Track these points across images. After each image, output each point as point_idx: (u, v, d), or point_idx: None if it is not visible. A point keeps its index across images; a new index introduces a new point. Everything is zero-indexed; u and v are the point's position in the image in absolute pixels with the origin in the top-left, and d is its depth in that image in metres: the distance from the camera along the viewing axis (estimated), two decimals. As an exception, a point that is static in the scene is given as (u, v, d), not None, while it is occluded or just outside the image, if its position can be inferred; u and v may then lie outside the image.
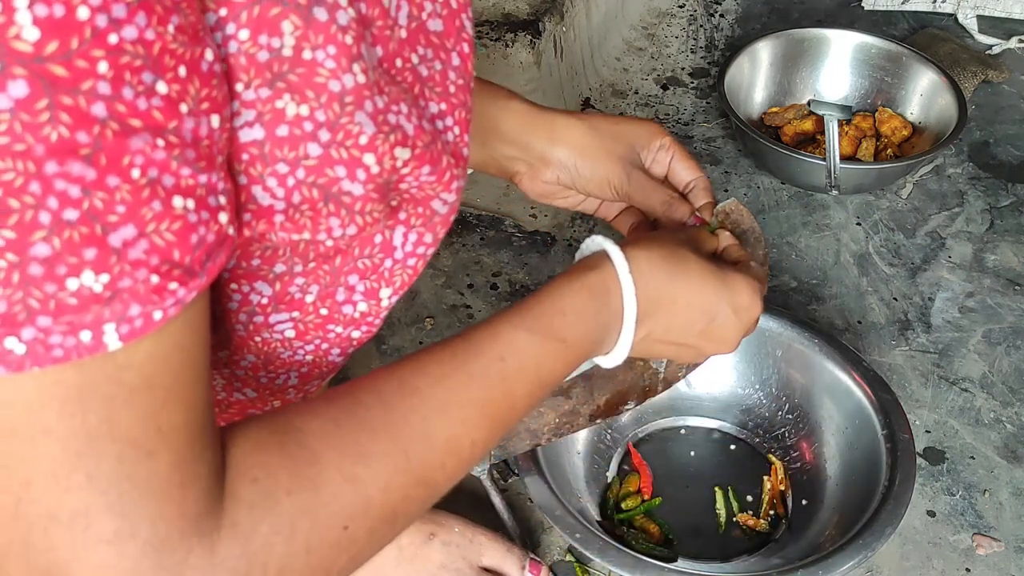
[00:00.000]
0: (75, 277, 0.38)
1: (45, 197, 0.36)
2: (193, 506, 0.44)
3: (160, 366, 0.42)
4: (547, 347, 0.60)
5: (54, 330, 0.38)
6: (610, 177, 0.80)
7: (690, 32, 1.74)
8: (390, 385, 0.54)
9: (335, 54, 0.46)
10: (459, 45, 0.58)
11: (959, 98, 1.39)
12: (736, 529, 0.97)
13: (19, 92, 0.35)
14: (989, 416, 1.09)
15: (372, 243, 0.58)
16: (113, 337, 0.39)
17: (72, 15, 0.35)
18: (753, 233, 0.87)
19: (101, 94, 0.36)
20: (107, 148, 0.37)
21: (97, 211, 0.37)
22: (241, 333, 0.60)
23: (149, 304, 0.40)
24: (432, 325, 1.19)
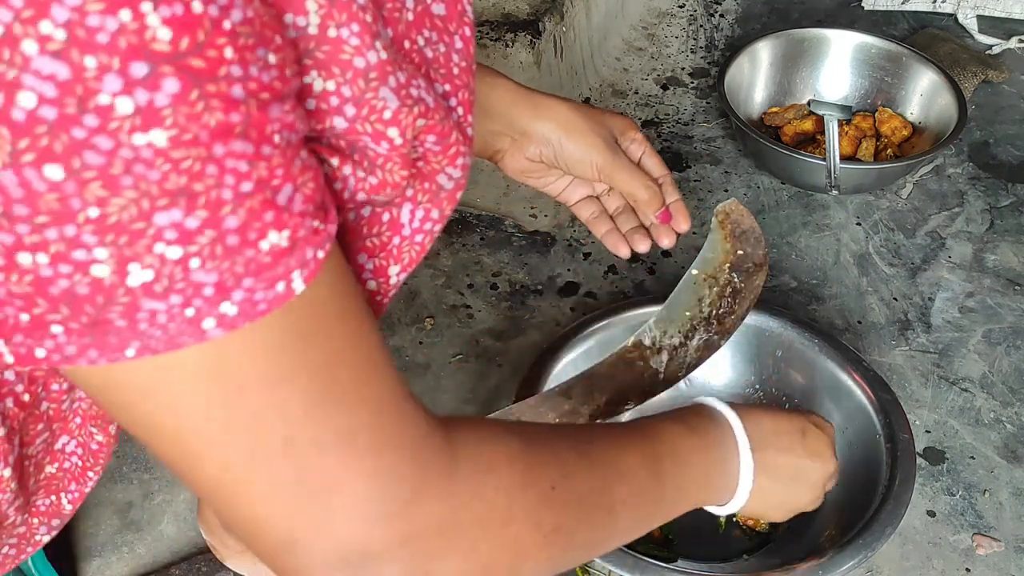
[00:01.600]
0: (264, 239, 0.41)
1: (222, 176, 0.39)
2: (424, 418, 0.49)
3: (340, 296, 0.46)
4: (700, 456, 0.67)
5: (257, 287, 0.42)
6: (593, 155, 0.81)
7: (690, 32, 1.74)
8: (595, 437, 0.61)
9: (359, 31, 0.48)
10: (461, 28, 0.60)
11: (959, 98, 1.39)
12: (736, 529, 0.97)
13: (173, 88, 0.37)
14: (989, 416, 1.09)
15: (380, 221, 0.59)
16: (299, 282, 0.43)
17: (189, 10, 0.37)
18: (753, 233, 0.87)
19: (235, 76, 0.39)
20: (254, 122, 0.40)
21: (263, 179, 0.41)
22: None
23: (316, 245, 0.44)
24: (432, 325, 1.20)
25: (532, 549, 0.54)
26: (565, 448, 0.57)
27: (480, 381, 1.14)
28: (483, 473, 0.51)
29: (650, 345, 0.88)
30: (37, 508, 0.61)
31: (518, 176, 0.85)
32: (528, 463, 0.53)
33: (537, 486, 0.53)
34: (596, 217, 0.88)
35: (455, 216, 1.34)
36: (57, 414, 0.59)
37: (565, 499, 0.55)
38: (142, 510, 1.02)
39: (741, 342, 1.03)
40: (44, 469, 0.60)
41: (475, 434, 0.52)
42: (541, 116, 0.81)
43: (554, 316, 1.21)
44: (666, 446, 0.65)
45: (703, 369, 0.89)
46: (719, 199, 1.34)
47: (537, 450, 0.55)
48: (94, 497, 1.01)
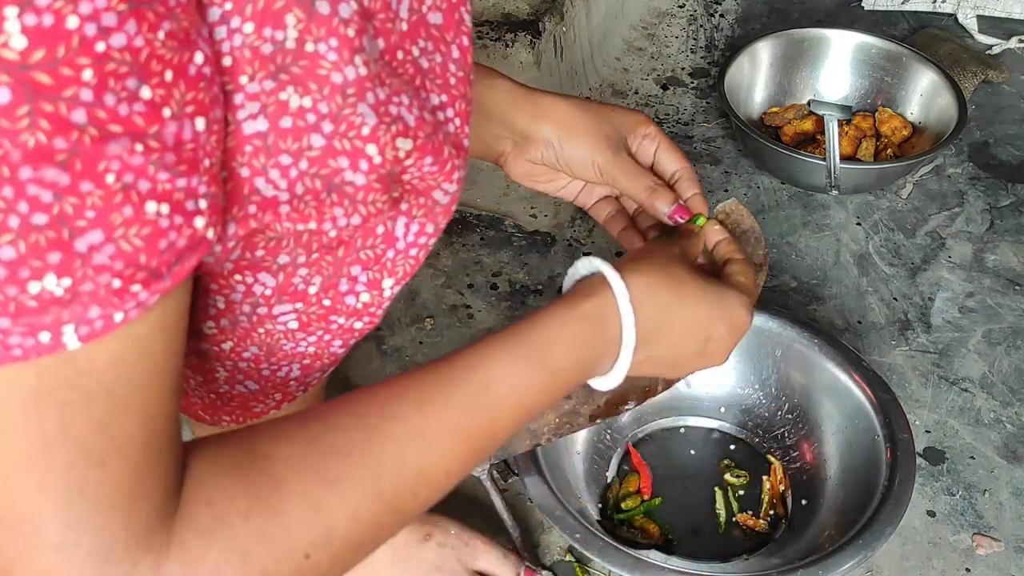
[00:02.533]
0: (37, 280, 0.38)
1: (16, 201, 0.36)
2: (141, 520, 0.43)
3: (120, 373, 0.42)
4: (535, 378, 0.59)
5: (13, 331, 0.38)
6: (595, 156, 0.78)
7: (690, 32, 1.74)
8: (369, 409, 0.53)
9: (337, 46, 0.47)
10: (459, 38, 0.59)
11: (959, 98, 1.39)
12: (736, 529, 0.97)
13: (0, 98, 0.35)
14: (989, 416, 1.09)
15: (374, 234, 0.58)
16: (72, 338, 0.40)
17: (61, 24, 0.35)
18: (753, 233, 0.87)
19: (83, 101, 0.37)
20: (83, 154, 0.37)
21: (67, 216, 0.38)
22: (245, 325, 0.60)
23: (109, 306, 0.40)
24: (432, 325, 1.19)
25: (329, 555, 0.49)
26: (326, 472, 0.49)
27: (480, 381, 1.13)
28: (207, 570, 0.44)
29: (650, 345, 0.88)
30: None
31: (524, 180, 0.82)
32: (269, 547, 0.47)
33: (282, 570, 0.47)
34: (613, 216, 0.84)
35: (455, 216, 1.34)
36: None
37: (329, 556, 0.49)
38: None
39: (741, 342, 1.03)
40: None
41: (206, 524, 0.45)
42: (541, 117, 0.78)
43: (554, 316, 1.21)
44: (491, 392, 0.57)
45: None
46: (719, 199, 1.34)
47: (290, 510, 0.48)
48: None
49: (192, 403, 0.72)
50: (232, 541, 0.46)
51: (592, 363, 0.63)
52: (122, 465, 0.43)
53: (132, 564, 0.43)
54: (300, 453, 0.49)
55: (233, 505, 0.46)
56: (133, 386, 0.43)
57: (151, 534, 0.44)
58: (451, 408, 0.55)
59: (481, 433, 0.56)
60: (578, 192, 0.84)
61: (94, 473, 0.42)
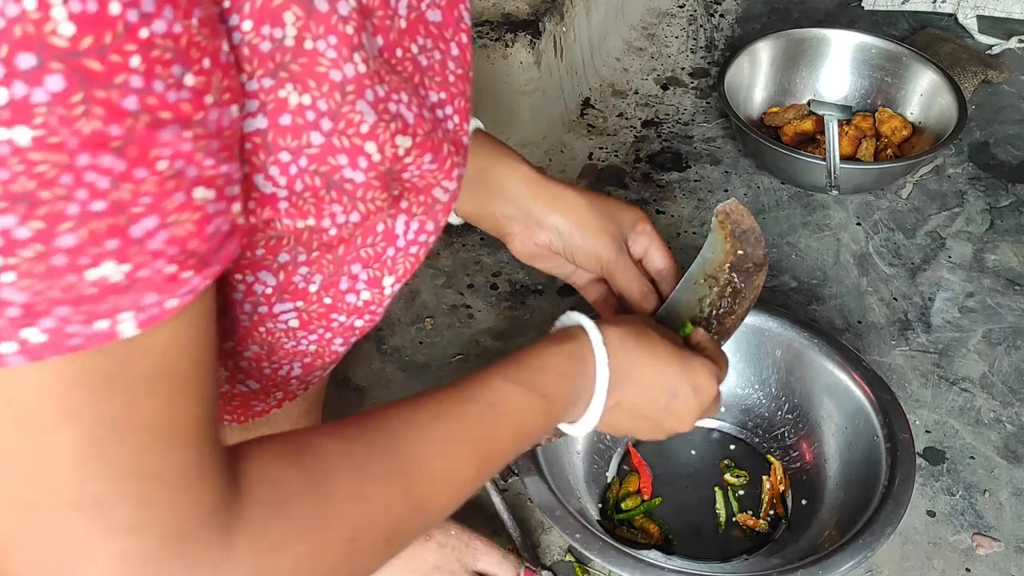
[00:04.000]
0: (96, 267, 0.38)
1: (75, 188, 0.37)
2: (209, 499, 0.44)
3: (179, 355, 0.43)
4: (531, 400, 0.64)
5: (73, 319, 0.39)
6: (601, 253, 0.83)
7: (690, 32, 1.74)
8: (393, 418, 0.57)
9: (336, 44, 0.47)
10: (457, 35, 0.59)
11: (959, 98, 1.39)
12: (736, 529, 0.97)
13: (56, 86, 0.35)
14: (989, 416, 1.09)
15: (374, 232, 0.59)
16: (129, 325, 0.40)
17: (104, 10, 0.35)
18: (753, 233, 0.87)
19: (133, 87, 0.37)
20: (137, 141, 0.38)
21: (123, 202, 0.38)
22: (246, 323, 0.60)
23: (165, 293, 0.40)
24: (432, 325, 1.19)
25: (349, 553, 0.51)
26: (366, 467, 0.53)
27: (480, 381, 1.13)
28: (266, 555, 0.46)
29: (650, 345, 0.88)
30: None
31: (526, 259, 0.87)
32: (323, 527, 0.49)
33: (332, 550, 0.50)
34: (604, 298, 0.89)
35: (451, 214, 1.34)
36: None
37: (369, 542, 0.52)
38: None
39: (741, 342, 1.03)
40: None
41: (269, 499, 0.48)
42: (557, 209, 0.83)
43: (554, 316, 1.20)
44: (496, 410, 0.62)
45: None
46: (719, 199, 1.35)
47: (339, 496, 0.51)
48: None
49: None
50: (292, 518, 0.48)
51: (574, 396, 0.68)
52: (187, 446, 0.44)
53: (204, 541, 0.44)
54: (343, 448, 0.53)
55: (291, 486, 0.49)
56: (190, 368, 0.44)
57: (218, 512, 0.45)
58: (463, 421, 0.60)
59: (489, 447, 0.61)
60: (571, 273, 0.90)
61: (163, 455, 0.43)
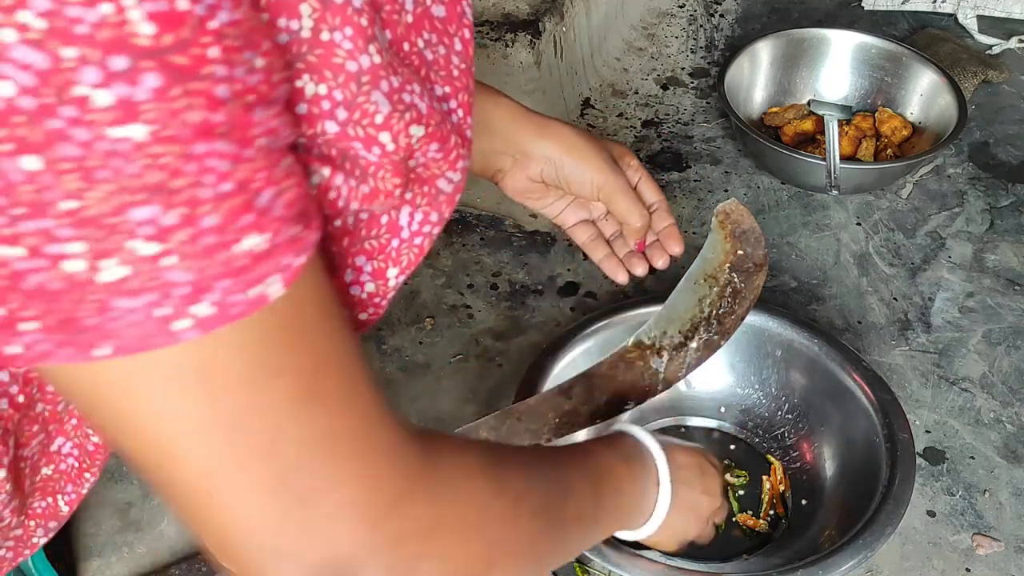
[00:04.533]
0: (242, 241, 0.40)
1: (201, 175, 0.38)
2: (405, 427, 0.49)
3: (319, 302, 0.45)
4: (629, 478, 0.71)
5: (233, 289, 0.41)
6: (595, 175, 0.82)
7: (690, 32, 1.74)
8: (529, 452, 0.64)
9: (352, 35, 0.48)
10: (461, 31, 0.60)
11: (959, 98, 1.39)
12: (736, 529, 0.97)
13: (154, 83, 0.37)
14: (989, 416, 1.09)
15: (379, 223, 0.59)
16: (277, 287, 0.42)
17: (174, 7, 0.37)
18: (753, 233, 0.87)
19: (220, 76, 0.38)
20: (238, 124, 0.39)
21: (244, 181, 0.40)
22: None
23: (296, 251, 0.43)
24: (432, 325, 1.19)
25: (500, 556, 0.54)
26: (523, 463, 0.59)
27: (480, 381, 1.13)
28: (461, 478, 0.51)
29: (650, 345, 0.88)
30: (33, 510, 0.61)
31: (517, 196, 0.86)
32: (496, 473, 0.54)
33: (505, 496, 0.54)
34: (593, 240, 0.88)
35: (455, 216, 1.34)
36: (53, 415, 0.58)
37: (529, 510, 0.56)
38: (142, 510, 1.02)
39: (741, 342, 1.03)
40: (40, 471, 0.60)
41: (448, 443, 0.53)
42: (543, 135, 0.82)
43: (554, 316, 1.21)
44: (603, 471, 0.68)
45: (703, 369, 0.89)
46: (719, 199, 1.34)
47: (501, 462, 0.56)
48: (94, 497, 1.01)
49: None
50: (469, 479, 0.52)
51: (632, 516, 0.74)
52: (367, 375, 0.47)
53: (413, 455, 0.48)
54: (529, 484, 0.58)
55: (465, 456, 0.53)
56: (334, 307, 0.47)
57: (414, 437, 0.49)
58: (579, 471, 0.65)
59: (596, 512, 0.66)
60: (561, 211, 0.88)
61: (358, 385, 0.46)
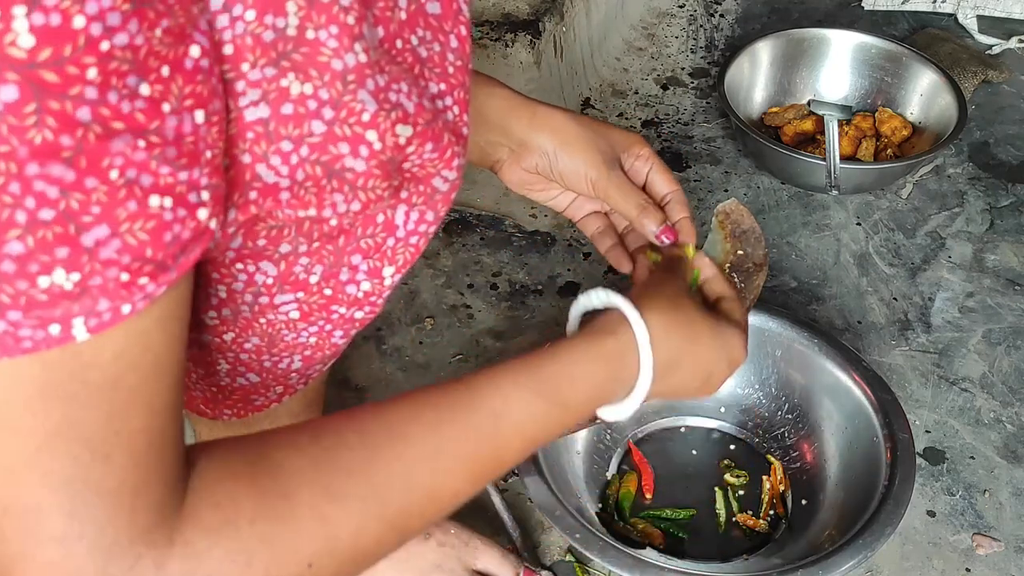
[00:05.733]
0: (46, 275, 0.38)
1: (23, 197, 0.37)
2: (145, 514, 0.44)
3: (126, 367, 0.43)
4: (548, 410, 0.60)
5: (24, 323, 0.39)
6: (588, 170, 0.78)
7: (690, 32, 1.74)
8: (379, 428, 0.53)
9: (337, 33, 0.47)
10: (456, 27, 0.60)
11: (959, 98, 1.39)
12: (736, 529, 0.97)
13: (9, 96, 0.36)
14: (989, 416, 1.09)
15: (374, 222, 0.59)
16: (81, 330, 0.40)
17: (68, 24, 0.36)
18: (753, 233, 0.87)
19: (88, 99, 0.37)
20: (88, 151, 0.38)
21: (73, 211, 0.38)
22: (246, 315, 0.60)
23: (118, 299, 0.41)
24: (432, 325, 1.19)
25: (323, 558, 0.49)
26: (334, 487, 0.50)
27: (480, 381, 1.13)
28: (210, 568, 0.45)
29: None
30: None
31: (518, 188, 0.83)
32: (273, 552, 0.47)
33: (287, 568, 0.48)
34: (601, 232, 0.85)
35: (455, 216, 1.34)
36: None
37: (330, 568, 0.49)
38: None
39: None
40: None
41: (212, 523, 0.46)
42: (538, 126, 0.79)
43: (554, 316, 1.21)
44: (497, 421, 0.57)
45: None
46: (719, 199, 1.34)
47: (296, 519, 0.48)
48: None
49: (194, 397, 0.72)
50: (237, 543, 0.46)
51: (605, 398, 0.65)
52: (127, 459, 0.43)
53: (135, 557, 0.43)
54: (309, 466, 0.50)
55: (240, 509, 0.47)
56: (138, 380, 0.43)
57: (154, 529, 0.44)
58: (463, 434, 0.55)
59: (490, 460, 0.57)
60: (569, 203, 0.85)
61: (99, 467, 0.42)
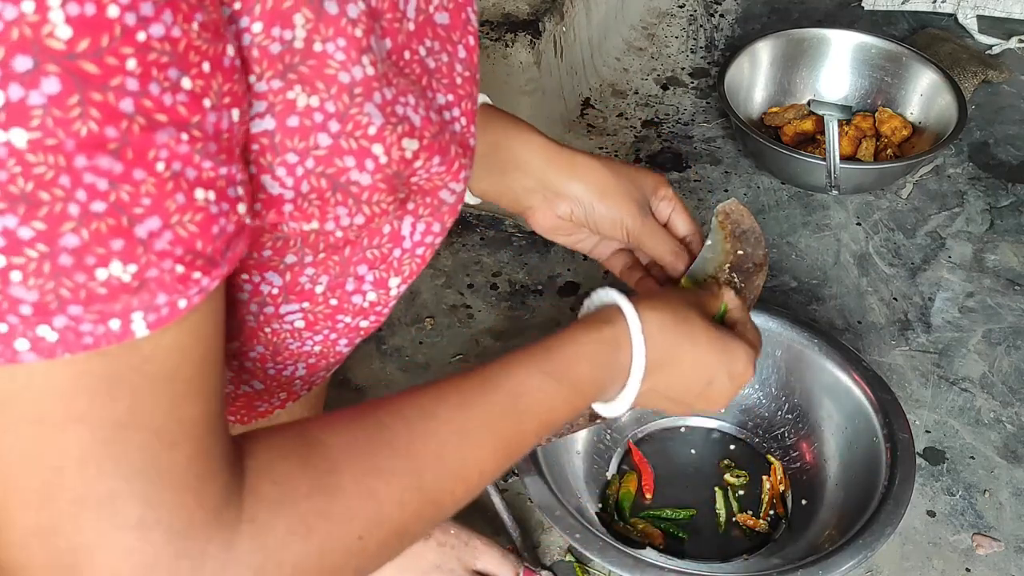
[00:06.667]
0: (104, 267, 0.39)
1: (74, 190, 0.37)
2: (213, 497, 0.45)
3: (183, 358, 0.43)
4: (560, 390, 0.63)
5: (85, 318, 0.39)
6: (624, 218, 0.81)
7: (690, 32, 1.74)
8: (411, 409, 0.56)
9: (345, 46, 0.47)
10: (465, 38, 0.59)
11: (959, 98, 1.39)
12: (736, 529, 0.97)
13: (52, 88, 0.36)
14: (989, 416, 1.09)
15: (381, 233, 0.59)
16: (141, 325, 0.41)
17: (102, 13, 0.36)
18: (753, 233, 0.87)
19: (129, 90, 0.37)
20: (134, 142, 0.38)
21: (124, 203, 0.38)
22: (251, 324, 0.60)
23: (175, 293, 0.41)
24: (432, 325, 1.19)
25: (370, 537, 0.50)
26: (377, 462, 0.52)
27: (480, 381, 1.13)
28: (270, 553, 0.46)
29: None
30: None
31: (547, 233, 0.85)
32: (329, 525, 0.49)
33: (339, 547, 0.49)
34: (630, 268, 0.87)
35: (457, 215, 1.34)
36: None
37: (377, 540, 0.51)
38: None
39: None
40: None
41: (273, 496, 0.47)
42: (576, 177, 0.80)
43: (554, 316, 1.21)
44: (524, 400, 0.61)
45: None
46: (719, 199, 1.34)
47: (346, 493, 0.50)
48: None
49: None
50: (297, 516, 0.48)
51: (606, 384, 0.67)
52: (191, 446, 0.44)
53: (207, 539, 0.44)
54: (352, 443, 0.52)
55: (296, 485, 0.48)
56: (193, 369, 0.44)
57: (223, 510, 0.45)
58: (487, 412, 0.58)
59: (512, 438, 0.60)
60: (594, 246, 0.87)
61: (167, 455, 0.43)
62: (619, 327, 0.67)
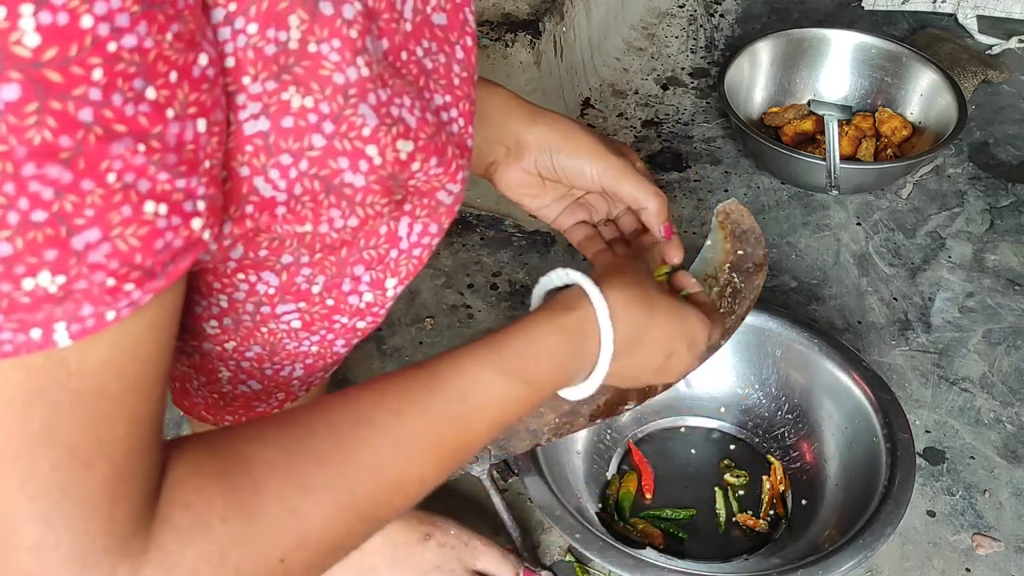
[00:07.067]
0: (31, 277, 0.38)
1: (17, 198, 0.37)
2: (121, 524, 0.43)
3: (111, 375, 0.42)
4: (513, 389, 0.58)
5: (5, 327, 0.39)
6: (595, 162, 0.76)
7: (690, 32, 1.74)
8: (344, 416, 0.52)
9: (339, 47, 0.47)
10: (462, 39, 0.59)
11: (959, 98, 1.39)
12: (736, 529, 0.97)
13: (11, 95, 0.36)
14: (989, 416, 1.09)
15: (377, 234, 0.59)
16: (63, 335, 0.40)
17: (75, 23, 0.36)
18: (753, 233, 0.87)
19: (91, 100, 0.37)
20: (88, 153, 0.38)
21: (66, 214, 0.38)
22: (248, 324, 0.60)
23: (102, 304, 0.40)
24: (432, 325, 1.19)
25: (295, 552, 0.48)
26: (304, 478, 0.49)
27: (480, 381, 1.13)
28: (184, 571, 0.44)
29: (650, 345, 0.88)
30: None
31: (512, 192, 0.81)
32: (246, 549, 0.46)
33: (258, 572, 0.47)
34: (589, 238, 0.83)
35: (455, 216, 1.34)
36: None
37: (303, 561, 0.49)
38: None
39: (741, 342, 1.03)
40: None
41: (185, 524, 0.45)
42: (538, 123, 0.77)
43: (554, 316, 1.21)
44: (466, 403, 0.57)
45: (703, 369, 0.89)
46: (719, 199, 1.34)
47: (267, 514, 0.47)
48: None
49: (195, 404, 0.72)
50: (210, 543, 0.45)
51: (569, 375, 0.63)
52: (106, 468, 0.43)
53: (111, 567, 0.43)
54: (278, 458, 0.49)
55: (212, 507, 0.46)
56: (123, 389, 0.43)
57: (130, 537, 0.43)
58: (427, 418, 0.54)
59: (456, 443, 0.56)
60: (559, 213, 0.83)
61: (79, 475, 0.42)
62: (584, 313, 0.63)
